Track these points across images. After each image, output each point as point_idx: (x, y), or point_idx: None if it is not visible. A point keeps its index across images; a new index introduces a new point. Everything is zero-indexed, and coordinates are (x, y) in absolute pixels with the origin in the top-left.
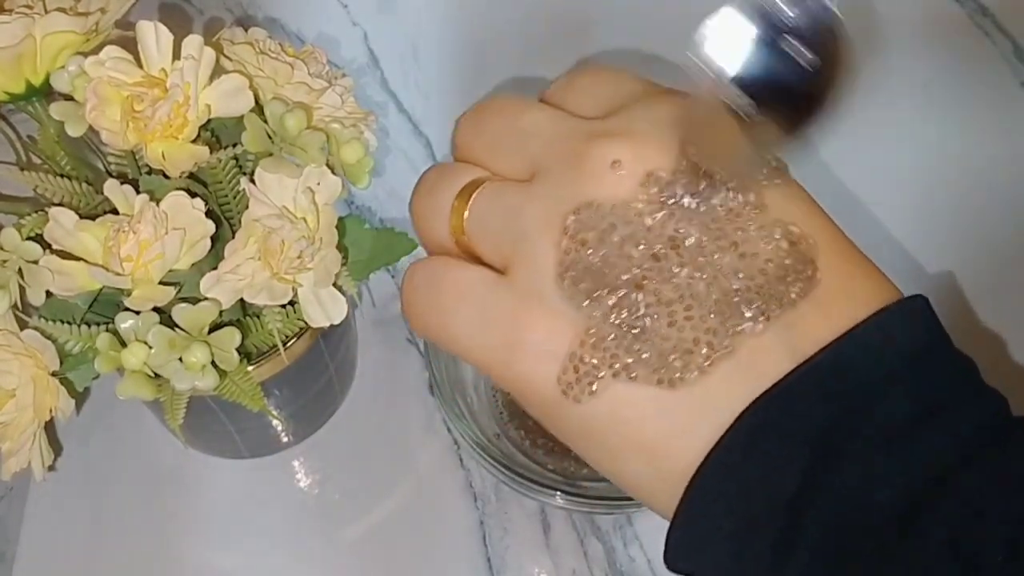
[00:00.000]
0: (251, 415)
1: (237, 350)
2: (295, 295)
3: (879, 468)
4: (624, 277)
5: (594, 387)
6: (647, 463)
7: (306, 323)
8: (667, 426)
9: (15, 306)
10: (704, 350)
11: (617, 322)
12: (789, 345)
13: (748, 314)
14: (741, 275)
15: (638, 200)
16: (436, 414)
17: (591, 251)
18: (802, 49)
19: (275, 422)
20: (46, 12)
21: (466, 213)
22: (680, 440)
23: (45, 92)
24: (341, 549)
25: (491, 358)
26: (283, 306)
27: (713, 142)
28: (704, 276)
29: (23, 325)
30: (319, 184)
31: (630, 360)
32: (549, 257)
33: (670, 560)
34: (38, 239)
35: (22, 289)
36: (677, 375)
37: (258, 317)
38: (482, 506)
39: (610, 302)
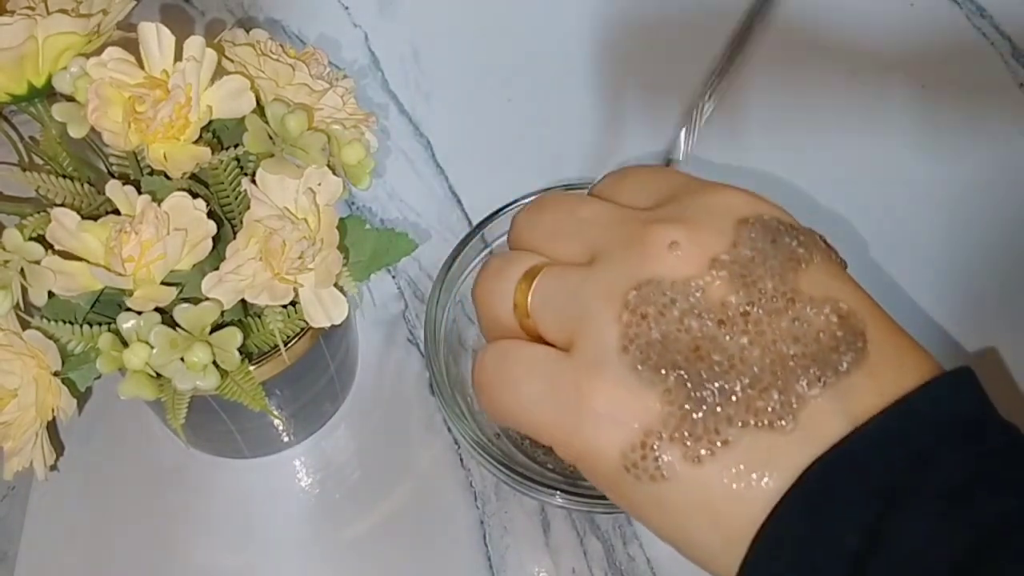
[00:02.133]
0: (252, 415)
1: (239, 350)
2: (296, 295)
3: (941, 524)
4: (685, 351)
5: (660, 467)
6: (710, 526)
7: (307, 323)
8: (730, 490)
9: (17, 306)
10: (766, 417)
11: (681, 398)
12: (845, 411)
13: (805, 380)
14: (798, 343)
15: (696, 278)
16: (436, 414)
17: (652, 325)
18: None
19: (276, 422)
20: (48, 14)
21: (530, 294)
22: (743, 503)
23: (47, 93)
24: (341, 549)
25: (556, 428)
26: (284, 306)
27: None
28: (762, 343)
29: (25, 325)
30: (320, 185)
31: (692, 442)
32: (612, 330)
33: None
34: (40, 240)
35: (24, 289)
36: (743, 439)
37: (259, 317)
38: (482, 506)
39: (673, 377)
